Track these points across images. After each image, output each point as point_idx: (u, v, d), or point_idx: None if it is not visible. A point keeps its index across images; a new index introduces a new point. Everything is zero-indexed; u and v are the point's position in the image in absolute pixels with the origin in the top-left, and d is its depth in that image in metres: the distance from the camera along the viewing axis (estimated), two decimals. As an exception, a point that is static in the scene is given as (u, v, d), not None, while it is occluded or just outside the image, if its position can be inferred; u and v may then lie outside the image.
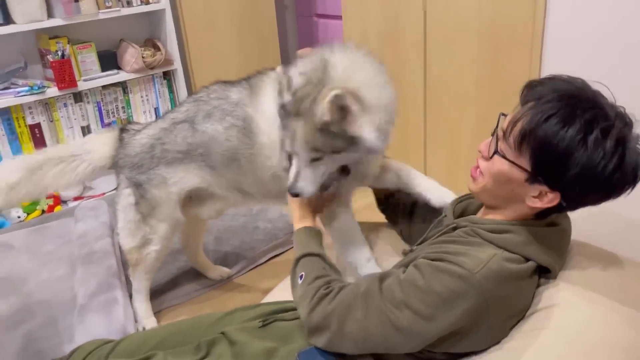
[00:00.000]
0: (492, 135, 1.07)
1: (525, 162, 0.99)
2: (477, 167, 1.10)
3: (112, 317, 1.68)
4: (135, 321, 1.75)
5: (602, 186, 0.97)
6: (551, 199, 0.99)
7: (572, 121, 0.93)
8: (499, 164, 1.03)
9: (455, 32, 2.06)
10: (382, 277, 1.05)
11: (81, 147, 1.67)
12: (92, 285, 1.79)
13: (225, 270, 2.05)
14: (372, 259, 1.39)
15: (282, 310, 1.24)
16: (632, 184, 0.99)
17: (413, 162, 2.44)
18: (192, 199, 1.65)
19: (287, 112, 1.18)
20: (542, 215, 1.07)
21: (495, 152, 1.03)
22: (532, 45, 1.83)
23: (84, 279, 1.83)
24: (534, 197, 1.01)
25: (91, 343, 1.29)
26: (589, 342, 1.00)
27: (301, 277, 1.14)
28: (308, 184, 1.23)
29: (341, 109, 1.10)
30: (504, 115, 1.06)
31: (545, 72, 1.83)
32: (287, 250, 2.27)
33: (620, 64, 1.63)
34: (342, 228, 1.40)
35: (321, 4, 3.27)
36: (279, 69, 1.28)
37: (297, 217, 1.29)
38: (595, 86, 1.01)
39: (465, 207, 1.26)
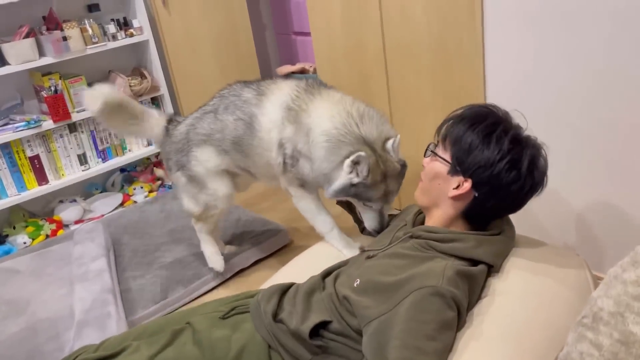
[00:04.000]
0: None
1: (448, 157, 1.23)
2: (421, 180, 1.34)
3: (107, 330, 1.85)
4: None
5: (501, 180, 1.18)
6: (466, 187, 1.21)
7: (480, 123, 1.19)
8: (431, 165, 1.28)
9: (410, 47, 2.21)
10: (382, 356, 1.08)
11: (149, 116, 2.07)
12: (87, 302, 1.97)
13: (232, 247, 2.44)
14: (335, 228, 1.78)
15: (246, 298, 1.43)
16: (531, 187, 1.19)
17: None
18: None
19: (370, 184, 1.55)
20: (474, 220, 1.26)
21: (427, 150, 1.30)
22: (475, 56, 1.98)
23: (81, 297, 2.01)
24: (454, 188, 1.22)
25: (79, 349, 1.46)
26: (509, 322, 1.17)
27: None
28: (386, 217, 1.65)
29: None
30: (435, 143, 1.31)
31: (489, 78, 1.99)
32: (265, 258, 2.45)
33: (553, 68, 1.77)
34: (309, 207, 1.83)
35: (297, 22, 3.44)
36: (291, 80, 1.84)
37: None
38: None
39: (424, 218, 1.42)
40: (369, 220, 1.63)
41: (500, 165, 1.16)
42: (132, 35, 2.93)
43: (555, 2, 1.68)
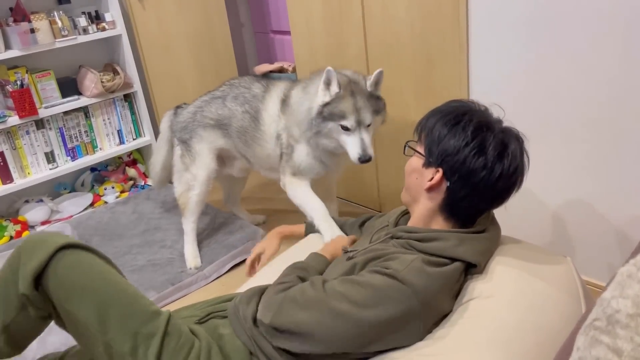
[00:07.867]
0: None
1: (422, 150, 1.23)
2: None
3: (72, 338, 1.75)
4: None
5: (468, 166, 1.16)
6: (437, 177, 1.19)
7: (450, 114, 1.21)
8: (410, 160, 1.27)
9: (392, 46, 2.17)
10: (325, 279, 1.18)
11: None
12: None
13: (260, 217, 2.69)
14: (326, 215, 1.83)
15: (222, 302, 1.37)
16: (501, 173, 1.16)
17: (366, 171, 2.56)
18: (223, 160, 2.29)
19: (339, 98, 1.78)
20: (453, 214, 1.22)
21: (406, 146, 1.29)
22: (459, 54, 1.95)
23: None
24: (429, 180, 1.21)
25: (42, 358, 1.35)
26: (498, 326, 1.13)
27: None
28: (370, 149, 1.79)
29: (377, 82, 1.83)
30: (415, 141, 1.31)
31: (473, 77, 1.96)
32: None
33: (539, 68, 1.76)
34: (301, 193, 1.98)
35: (275, 20, 3.38)
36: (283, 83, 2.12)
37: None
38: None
39: (407, 220, 1.39)
40: (352, 147, 1.79)
41: (466, 151, 1.15)
42: (104, 29, 2.82)
43: (543, 1, 1.66)
